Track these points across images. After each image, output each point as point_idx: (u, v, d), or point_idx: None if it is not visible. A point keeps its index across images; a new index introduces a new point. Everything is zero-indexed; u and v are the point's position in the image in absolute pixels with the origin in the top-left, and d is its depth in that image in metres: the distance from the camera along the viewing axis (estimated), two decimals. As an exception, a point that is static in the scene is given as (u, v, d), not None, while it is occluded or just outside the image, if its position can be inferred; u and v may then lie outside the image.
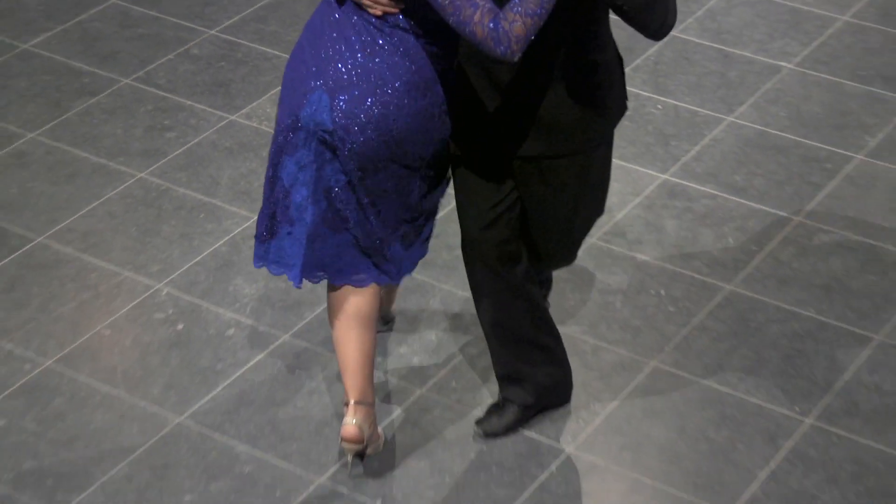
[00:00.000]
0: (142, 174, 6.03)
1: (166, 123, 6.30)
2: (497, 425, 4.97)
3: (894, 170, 6.09)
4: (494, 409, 5.02)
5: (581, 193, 4.61)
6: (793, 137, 6.27)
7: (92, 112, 6.34)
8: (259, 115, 6.35)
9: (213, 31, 6.84)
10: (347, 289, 4.53)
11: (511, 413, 4.96)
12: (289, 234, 4.36)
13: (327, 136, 4.16)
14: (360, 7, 4.04)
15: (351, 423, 4.59)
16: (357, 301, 4.53)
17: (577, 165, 4.51)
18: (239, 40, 6.79)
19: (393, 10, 3.99)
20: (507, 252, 4.60)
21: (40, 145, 6.15)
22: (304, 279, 4.44)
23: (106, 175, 6.02)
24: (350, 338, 4.59)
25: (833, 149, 6.22)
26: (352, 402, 4.62)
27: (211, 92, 6.48)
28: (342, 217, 4.30)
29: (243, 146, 6.18)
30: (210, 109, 6.38)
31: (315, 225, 4.32)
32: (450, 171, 4.57)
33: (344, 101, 4.10)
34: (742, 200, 5.96)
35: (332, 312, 4.61)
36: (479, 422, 5.00)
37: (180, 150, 6.15)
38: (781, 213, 5.89)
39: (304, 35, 4.24)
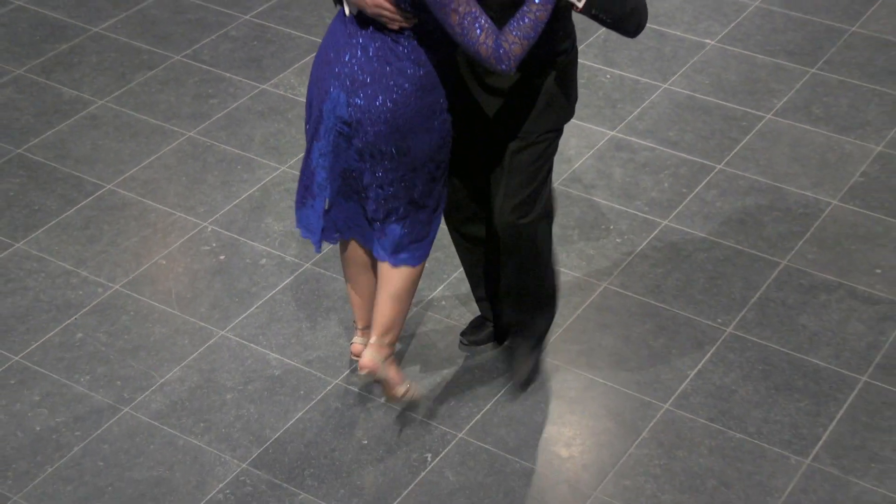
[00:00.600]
0: (190, 133, 6.01)
1: (210, 92, 6.27)
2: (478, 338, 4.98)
3: (795, 126, 6.08)
4: (477, 324, 5.02)
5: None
6: (715, 101, 6.25)
7: (150, 83, 6.32)
8: (285, 85, 6.32)
9: (247, 17, 6.79)
10: (355, 243, 4.53)
11: (489, 330, 4.97)
12: (312, 206, 4.35)
13: (345, 129, 4.12)
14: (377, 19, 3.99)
15: (358, 342, 4.69)
16: (361, 252, 4.54)
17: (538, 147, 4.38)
18: (268, 23, 6.75)
19: (407, 24, 3.94)
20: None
21: (109, 110, 6.13)
22: (323, 242, 4.45)
23: (161, 134, 6.00)
24: (357, 281, 4.62)
25: (747, 109, 6.20)
26: (359, 328, 4.71)
27: (246, 66, 6.44)
28: (354, 190, 4.29)
29: (273, 110, 6.16)
30: (245, 80, 6.35)
31: (332, 198, 4.32)
32: None
33: (359, 99, 4.05)
34: (675, 152, 5.94)
35: (343, 261, 4.61)
36: (463, 334, 4.99)
37: (221, 114, 6.13)
38: (706, 162, 5.87)
39: (326, 38, 4.17)
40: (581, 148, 5.96)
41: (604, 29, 5.92)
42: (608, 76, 6.43)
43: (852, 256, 5.40)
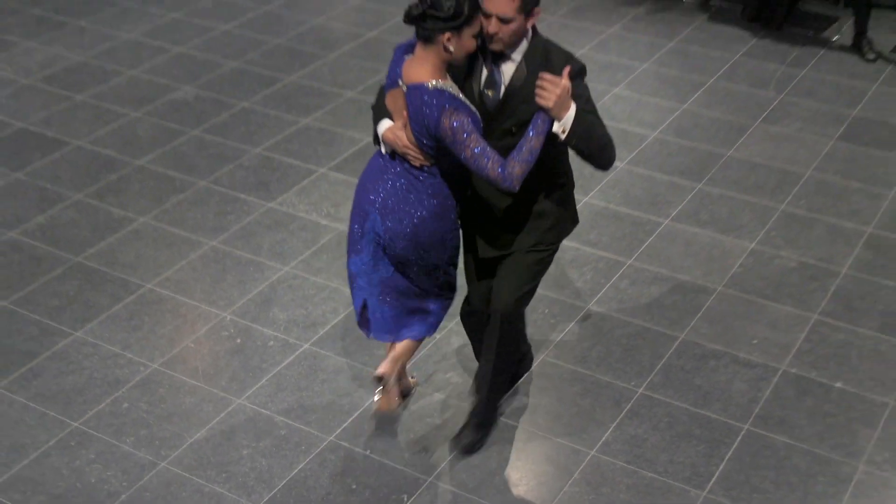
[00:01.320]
0: (213, 242, 5.96)
1: (228, 209, 6.23)
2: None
3: (687, 229, 6.07)
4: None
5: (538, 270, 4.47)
6: (625, 210, 6.24)
7: (181, 204, 6.27)
8: (288, 203, 6.28)
9: (257, 150, 6.77)
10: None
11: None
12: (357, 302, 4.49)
13: (381, 241, 4.21)
14: (404, 157, 4.10)
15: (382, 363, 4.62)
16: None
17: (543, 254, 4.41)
18: (273, 155, 6.72)
19: (426, 163, 4.06)
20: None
21: (148, 225, 6.08)
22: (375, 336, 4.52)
23: (190, 244, 5.94)
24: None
25: (650, 216, 6.19)
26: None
27: (256, 189, 6.40)
28: (393, 293, 4.38)
29: (278, 223, 6.11)
30: (256, 200, 6.31)
31: (374, 306, 4.42)
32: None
33: (390, 221, 4.15)
34: (595, 250, 5.91)
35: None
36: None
37: (237, 227, 6.08)
38: (620, 258, 5.85)
39: (366, 169, 4.30)
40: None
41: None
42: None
43: (734, 331, 5.38)
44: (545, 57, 4.03)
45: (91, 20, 8.40)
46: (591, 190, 6.41)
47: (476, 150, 3.91)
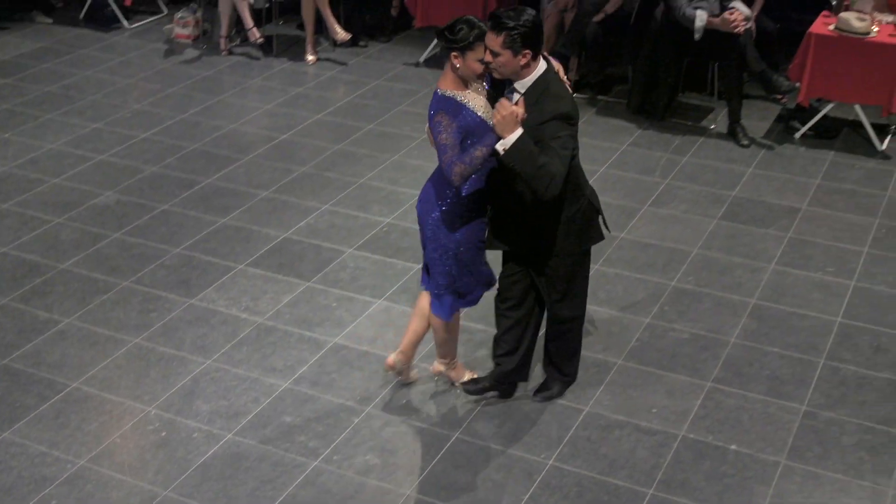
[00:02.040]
0: (136, 340, 5.82)
1: (150, 307, 6.10)
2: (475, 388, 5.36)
3: (588, 308, 6.04)
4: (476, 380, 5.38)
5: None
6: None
7: (104, 304, 6.13)
8: (208, 299, 6.17)
9: (177, 250, 6.66)
10: (424, 293, 5.23)
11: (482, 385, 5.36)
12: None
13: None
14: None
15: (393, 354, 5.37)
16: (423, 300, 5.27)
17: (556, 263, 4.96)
18: (193, 254, 6.62)
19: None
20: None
21: (73, 326, 5.93)
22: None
23: (114, 342, 5.80)
24: (413, 320, 5.35)
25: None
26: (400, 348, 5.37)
27: (177, 287, 6.29)
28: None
29: (199, 319, 6.01)
30: (177, 297, 6.19)
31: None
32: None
33: (419, 210, 5.00)
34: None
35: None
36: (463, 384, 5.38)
37: (159, 324, 5.96)
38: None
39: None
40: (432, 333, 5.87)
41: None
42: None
43: (635, 401, 5.36)
44: (541, 94, 4.58)
45: (15, 133, 8.27)
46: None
47: (442, 143, 4.57)
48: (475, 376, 5.39)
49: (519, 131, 4.43)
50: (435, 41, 9.80)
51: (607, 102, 8.97)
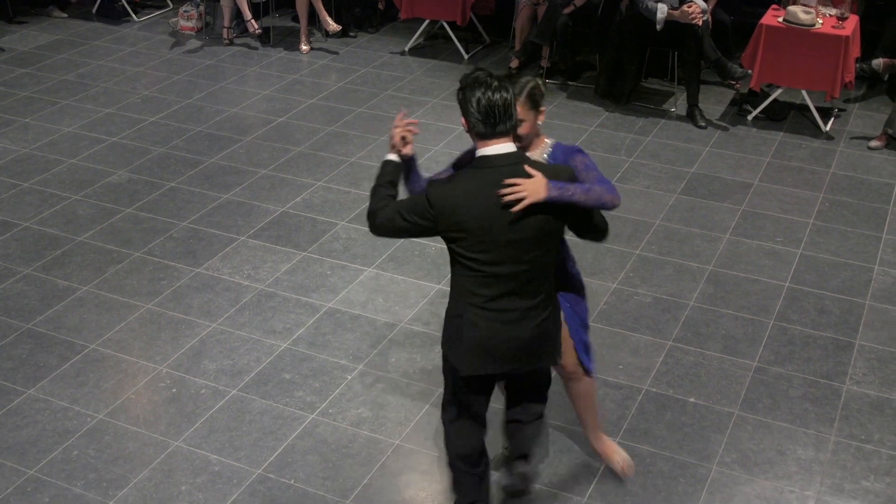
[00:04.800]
0: (148, 305, 5.82)
1: (160, 276, 6.10)
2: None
3: (560, 274, 6.07)
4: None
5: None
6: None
7: (119, 273, 6.12)
8: (213, 268, 6.17)
9: (184, 223, 6.65)
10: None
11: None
12: None
13: None
14: None
15: None
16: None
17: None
18: (199, 227, 6.60)
19: None
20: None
21: (91, 293, 5.92)
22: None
23: (128, 308, 5.80)
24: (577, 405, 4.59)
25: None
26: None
27: (184, 257, 6.28)
28: None
29: (205, 286, 6.00)
30: (185, 266, 6.18)
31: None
32: None
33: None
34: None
35: None
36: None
37: (169, 291, 5.95)
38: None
39: None
40: (418, 298, 5.89)
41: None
42: (432, 248, 6.38)
43: (603, 359, 5.37)
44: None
45: (35, 118, 8.22)
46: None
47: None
48: None
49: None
50: (419, 32, 9.78)
51: (577, 88, 8.97)
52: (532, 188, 3.54)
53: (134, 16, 10.66)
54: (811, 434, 4.91)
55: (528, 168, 3.59)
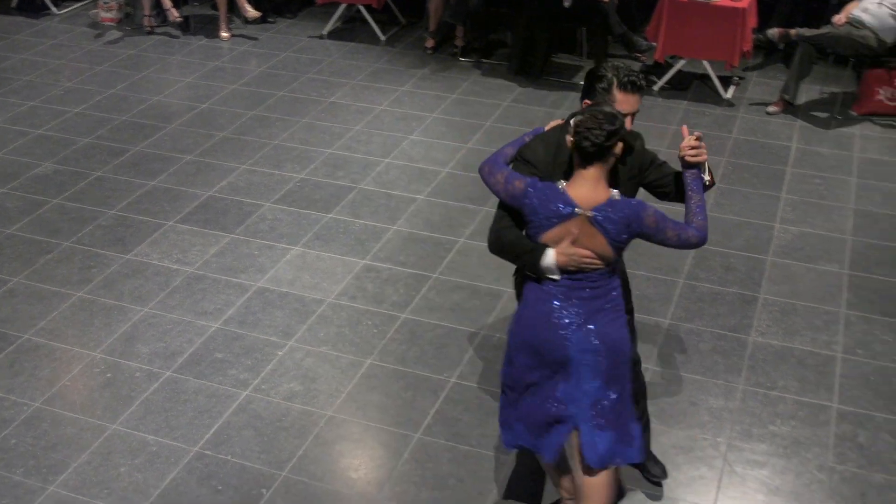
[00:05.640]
0: (79, 293, 5.73)
1: (91, 264, 6.00)
2: None
3: (481, 245, 6.09)
4: None
5: None
6: (427, 233, 6.25)
7: (49, 263, 6.02)
8: (142, 254, 6.10)
9: (112, 211, 6.55)
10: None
11: None
12: None
13: (587, 358, 3.60)
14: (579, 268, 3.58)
15: None
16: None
17: None
18: (127, 214, 6.52)
19: (601, 265, 3.55)
20: None
21: (22, 284, 5.81)
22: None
23: (60, 297, 5.70)
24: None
25: (448, 237, 6.23)
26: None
27: (114, 244, 6.19)
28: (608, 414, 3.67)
29: (135, 272, 5.93)
30: (115, 254, 6.09)
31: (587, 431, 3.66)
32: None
33: (596, 334, 3.58)
34: (405, 269, 5.90)
35: None
36: None
37: (100, 278, 5.87)
38: (426, 273, 5.86)
39: (532, 313, 3.63)
40: (345, 273, 5.88)
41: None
42: (357, 225, 6.37)
43: (524, 323, 5.42)
44: None
45: (-43, 113, 8.04)
46: (396, 220, 6.41)
47: (674, 228, 3.54)
48: None
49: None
50: (336, 16, 9.71)
51: (491, 65, 8.99)
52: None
53: (54, 8, 10.41)
54: (721, 384, 5.02)
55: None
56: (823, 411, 4.84)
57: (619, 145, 3.47)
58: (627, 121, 3.65)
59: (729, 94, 8.31)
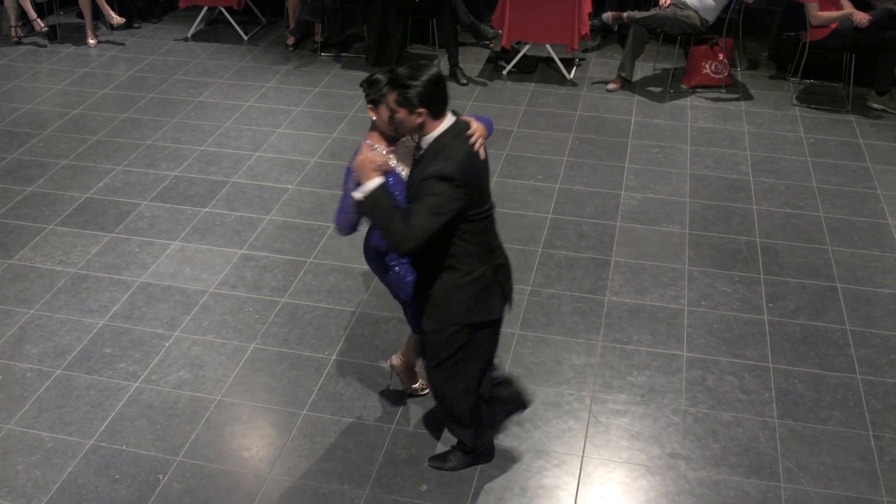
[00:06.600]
0: (-36, 301, 5.49)
1: (-27, 272, 5.76)
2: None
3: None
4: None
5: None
6: (300, 221, 6.17)
7: (-70, 273, 5.74)
8: (25, 258, 5.87)
9: (-9, 219, 6.29)
10: None
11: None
12: None
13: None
14: None
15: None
16: None
17: (432, 329, 3.90)
18: (6, 220, 6.26)
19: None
20: None
21: None
22: None
23: (-57, 305, 5.45)
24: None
25: (319, 223, 6.16)
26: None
27: (-5, 251, 5.96)
28: None
29: (19, 275, 5.71)
30: (-4, 260, 5.87)
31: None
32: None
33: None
34: (281, 255, 5.83)
35: None
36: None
37: (-17, 284, 5.64)
38: (301, 259, 5.79)
39: None
40: (224, 264, 5.78)
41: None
42: (232, 217, 6.27)
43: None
44: (436, 154, 3.62)
45: None
46: (271, 210, 6.34)
47: (344, 194, 3.91)
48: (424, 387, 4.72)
49: (378, 180, 3.58)
50: (199, 18, 9.50)
51: (349, 58, 8.93)
52: (480, 130, 3.78)
53: (-84, 23, 9.90)
54: (582, 343, 5.13)
55: (464, 118, 3.81)
56: (675, 360, 5.00)
57: (371, 111, 3.98)
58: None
59: (572, 74, 8.46)
